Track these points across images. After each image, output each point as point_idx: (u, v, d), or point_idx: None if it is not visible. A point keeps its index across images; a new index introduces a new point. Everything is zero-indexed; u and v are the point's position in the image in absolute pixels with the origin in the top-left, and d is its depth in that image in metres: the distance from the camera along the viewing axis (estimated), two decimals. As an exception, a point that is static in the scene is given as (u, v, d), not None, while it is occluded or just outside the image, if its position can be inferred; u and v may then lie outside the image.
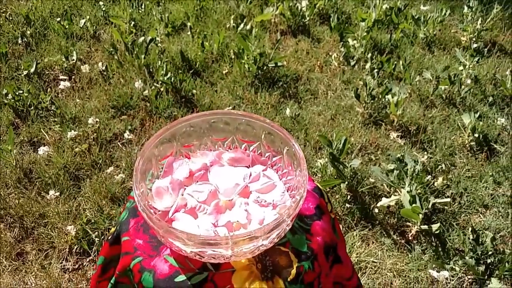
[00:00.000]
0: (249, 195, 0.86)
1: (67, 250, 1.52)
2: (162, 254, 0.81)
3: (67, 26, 2.51)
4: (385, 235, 1.60)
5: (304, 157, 0.82)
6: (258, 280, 0.77)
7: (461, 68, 2.26)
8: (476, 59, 2.23)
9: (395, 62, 2.30)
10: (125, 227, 0.87)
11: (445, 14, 2.59)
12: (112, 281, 0.86)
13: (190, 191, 0.86)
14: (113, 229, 0.95)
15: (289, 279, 0.78)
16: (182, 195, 0.85)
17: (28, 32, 2.48)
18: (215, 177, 0.88)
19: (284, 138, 0.86)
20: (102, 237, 1.55)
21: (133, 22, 2.55)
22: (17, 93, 2.02)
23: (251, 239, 0.72)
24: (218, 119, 0.92)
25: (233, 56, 2.35)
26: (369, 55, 2.33)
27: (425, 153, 1.89)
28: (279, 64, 2.27)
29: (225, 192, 0.85)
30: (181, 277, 0.77)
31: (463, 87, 2.16)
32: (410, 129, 2.01)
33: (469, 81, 2.23)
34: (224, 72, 2.27)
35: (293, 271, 0.79)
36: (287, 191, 0.87)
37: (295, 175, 0.85)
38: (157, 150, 0.88)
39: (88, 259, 1.51)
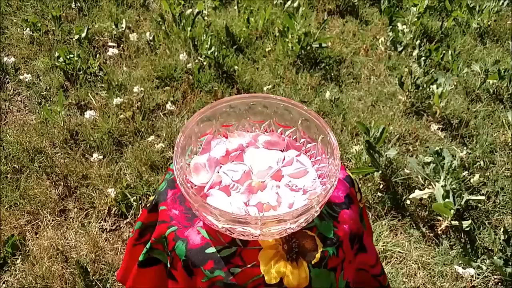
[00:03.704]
0: (281, 178, 0.89)
1: (106, 211, 1.61)
2: (195, 225, 0.86)
3: (118, -7, 2.57)
4: (414, 227, 1.60)
5: (339, 144, 0.84)
6: (283, 260, 0.81)
7: (513, 62, 2.18)
8: (531, 54, 2.14)
9: (444, 52, 2.23)
10: (163, 197, 0.93)
11: (502, 3, 2.47)
12: (147, 246, 0.92)
13: (225, 169, 0.90)
14: (151, 198, 1.01)
15: (313, 262, 0.82)
16: (218, 172, 0.89)
17: (82, -3, 2.56)
18: (250, 158, 0.92)
19: (320, 126, 0.88)
20: (140, 202, 1.63)
21: (182, -7, 2.58)
22: (68, 57, 2.11)
23: (279, 221, 0.75)
24: (258, 102, 0.94)
25: (277, 34, 2.35)
26: (418, 42, 2.27)
27: (465, 148, 1.85)
28: (324, 45, 2.25)
29: (258, 174, 0.89)
30: (212, 249, 0.82)
31: (512, 83, 2.08)
32: (452, 122, 1.97)
33: (520, 77, 2.14)
34: (267, 49, 2.28)
35: (318, 255, 0.82)
36: (319, 178, 0.89)
37: (328, 163, 0.87)
38: (198, 127, 0.92)
39: (125, 222, 1.59)
